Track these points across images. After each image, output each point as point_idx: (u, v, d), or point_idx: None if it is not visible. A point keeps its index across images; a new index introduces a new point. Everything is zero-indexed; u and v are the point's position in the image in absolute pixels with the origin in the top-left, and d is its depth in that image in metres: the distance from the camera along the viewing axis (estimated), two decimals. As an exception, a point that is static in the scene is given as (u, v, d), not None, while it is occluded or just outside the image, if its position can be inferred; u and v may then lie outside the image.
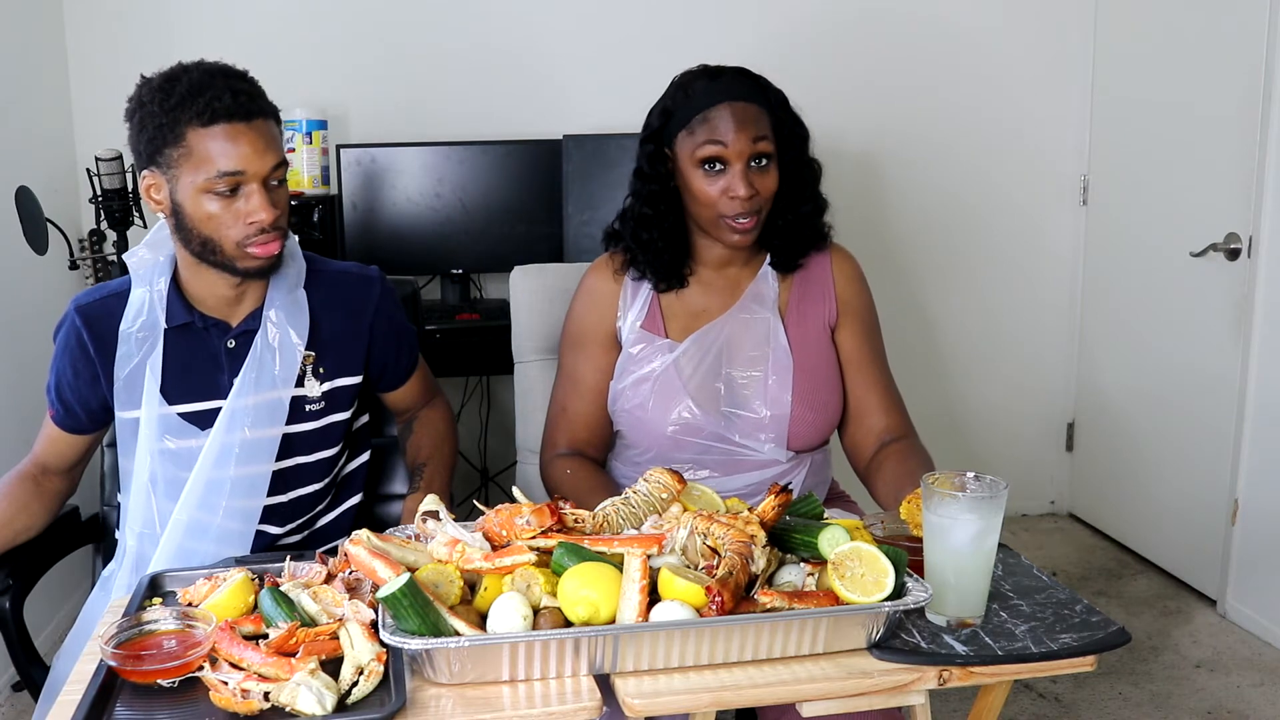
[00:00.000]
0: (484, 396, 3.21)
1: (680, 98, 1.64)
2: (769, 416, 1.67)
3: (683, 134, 1.62)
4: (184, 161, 1.40)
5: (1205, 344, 2.92)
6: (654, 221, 1.68)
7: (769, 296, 1.71)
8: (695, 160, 1.60)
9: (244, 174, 1.40)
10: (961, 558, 1.22)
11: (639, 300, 1.72)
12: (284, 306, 1.55)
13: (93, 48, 2.92)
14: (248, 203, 1.42)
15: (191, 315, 1.53)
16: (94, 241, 2.71)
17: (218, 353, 1.54)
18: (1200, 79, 2.89)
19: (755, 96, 1.62)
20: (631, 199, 1.72)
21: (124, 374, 1.52)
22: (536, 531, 1.21)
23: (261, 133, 1.42)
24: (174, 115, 1.39)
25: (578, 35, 3.13)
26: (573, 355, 1.75)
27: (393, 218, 2.94)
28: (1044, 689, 2.52)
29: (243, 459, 1.52)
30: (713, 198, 1.60)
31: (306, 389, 1.57)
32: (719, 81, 1.63)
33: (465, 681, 1.10)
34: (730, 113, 1.59)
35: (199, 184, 1.40)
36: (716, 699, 1.11)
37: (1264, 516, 2.73)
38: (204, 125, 1.39)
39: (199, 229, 1.44)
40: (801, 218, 1.70)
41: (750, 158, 1.59)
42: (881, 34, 3.26)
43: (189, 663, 1.10)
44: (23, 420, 1.91)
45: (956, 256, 3.44)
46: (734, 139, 1.58)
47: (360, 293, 1.63)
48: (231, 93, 1.40)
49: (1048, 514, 3.66)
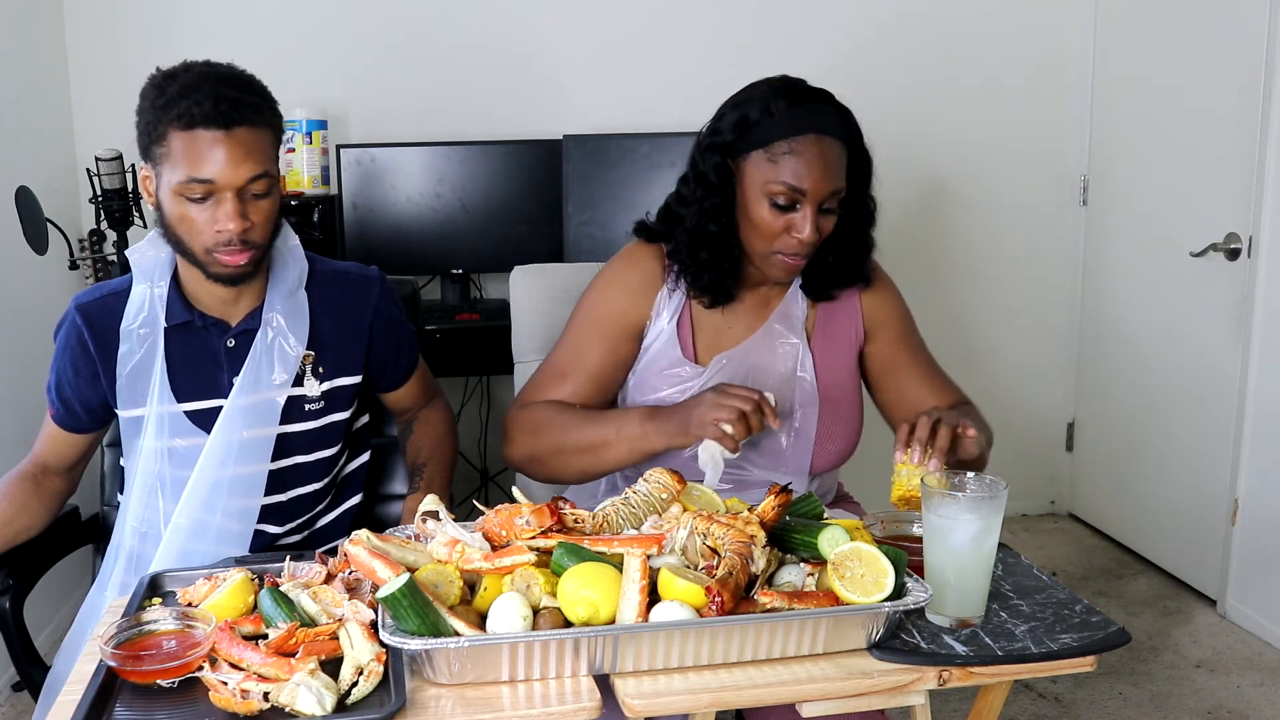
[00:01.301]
0: (484, 396, 3.21)
1: (762, 114, 1.52)
2: (791, 449, 1.64)
3: (759, 154, 1.52)
4: (166, 160, 1.41)
5: (1205, 344, 2.92)
6: (717, 240, 1.58)
7: (797, 319, 1.66)
8: (766, 190, 1.51)
9: (214, 183, 1.39)
10: (961, 558, 1.22)
11: (672, 306, 1.65)
12: (284, 307, 1.55)
13: (93, 48, 2.92)
14: (217, 210, 1.41)
15: (191, 314, 1.53)
16: (94, 241, 2.71)
17: (218, 352, 1.54)
18: (1200, 79, 2.89)
19: (839, 131, 1.54)
20: (689, 207, 1.60)
21: (126, 372, 1.52)
22: (536, 531, 1.21)
23: (240, 142, 1.39)
24: (160, 115, 1.40)
25: (578, 35, 3.13)
26: (586, 335, 1.66)
27: (393, 218, 2.94)
28: (1044, 689, 2.52)
29: (241, 459, 1.52)
30: (774, 231, 1.52)
31: (306, 388, 1.57)
32: (808, 109, 1.52)
33: (465, 682, 1.10)
34: (819, 151, 1.50)
35: (174, 185, 1.41)
36: (716, 699, 1.11)
37: (1264, 516, 2.73)
38: (183, 129, 1.38)
39: (173, 229, 1.45)
40: (850, 256, 1.64)
41: (823, 201, 1.52)
42: (881, 33, 3.26)
43: (189, 663, 1.10)
44: (23, 420, 1.91)
45: (956, 256, 3.44)
46: (815, 185, 1.49)
47: (360, 292, 1.63)
48: (215, 99, 1.38)
49: (1048, 514, 3.66)
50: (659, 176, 2.92)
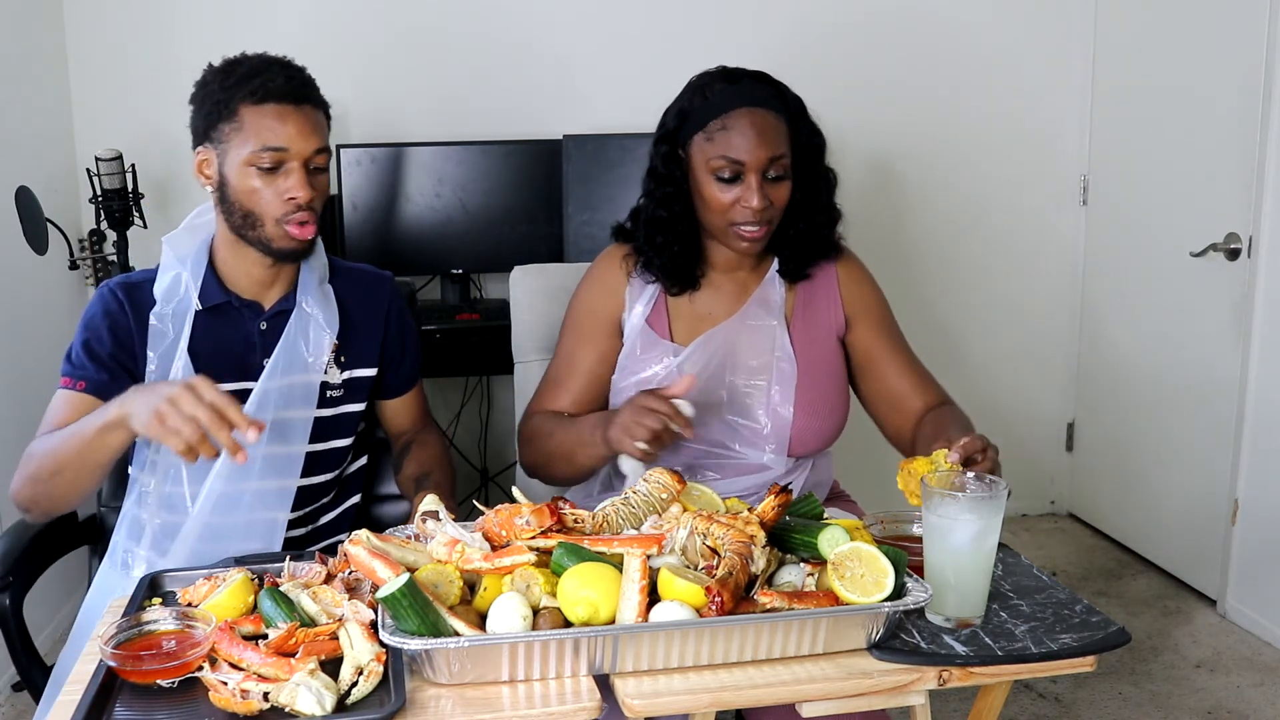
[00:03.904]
0: (484, 396, 3.21)
1: (697, 100, 1.61)
2: (770, 427, 1.67)
3: (698, 137, 1.60)
4: (234, 135, 1.49)
5: (1205, 344, 2.92)
6: (668, 224, 1.65)
7: (775, 302, 1.70)
8: (709, 168, 1.58)
9: (287, 150, 1.49)
10: (961, 558, 1.22)
11: (645, 296, 1.70)
12: (315, 293, 1.62)
13: (93, 48, 2.92)
14: (287, 179, 1.50)
15: (227, 296, 1.58)
16: (94, 241, 2.71)
17: (251, 334, 1.59)
18: (1200, 79, 2.89)
19: (774, 103, 1.59)
20: (645, 199, 1.70)
21: (159, 353, 1.55)
22: (536, 531, 1.21)
23: (309, 117, 1.51)
24: (230, 93, 1.49)
25: (578, 35, 3.13)
26: (574, 339, 1.73)
27: (393, 218, 2.94)
28: (1044, 689, 2.52)
29: (274, 438, 1.54)
30: (724, 205, 1.58)
31: (329, 375, 1.62)
32: (738, 86, 1.59)
33: (465, 682, 1.10)
34: (749, 121, 1.56)
35: (245, 156, 1.48)
36: (716, 699, 1.11)
37: (1264, 516, 2.73)
38: (257, 103, 1.48)
39: (241, 202, 1.51)
40: (813, 227, 1.68)
41: (766, 169, 1.57)
42: (881, 33, 3.26)
43: (188, 663, 1.10)
44: (23, 421, 1.91)
45: (956, 256, 3.44)
46: (751, 153, 1.55)
47: (377, 288, 1.71)
48: (285, 77, 1.51)
49: (1048, 514, 3.66)
50: (659, 176, 2.91)
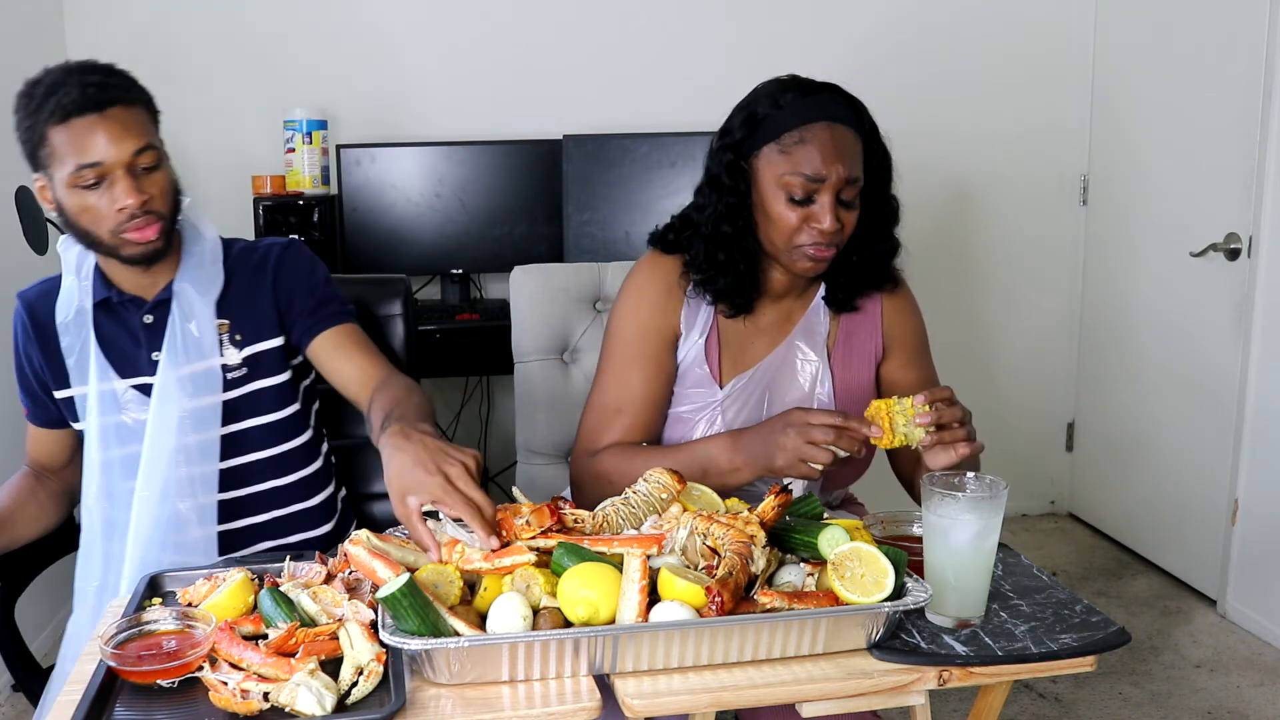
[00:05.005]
0: (484, 396, 3.21)
1: (771, 107, 1.50)
2: None
3: (770, 148, 1.49)
4: (53, 160, 1.44)
5: (1205, 344, 2.92)
6: (733, 241, 1.54)
7: (820, 333, 1.63)
8: (781, 183, 1.48)
9: (102, 164, 1.43)
10: (961, 558, 1.22)
11: (701, 320, 1.60)
12: (193, 276, 1.58)
13: (93, 48, 2.90)
14: (112, 191, 1.44)
15: (109, 291, 1.56)
16: (94, 241, 2.71)
17: (136, 329, 1.57)
18: (1200, 79, 2.89)
19: (853, 121, 1.50)
20: (704, 211, 1.56)
21: (72, 360, 1.55)
22: (536, 531, 1.21)
23: (117, 120, 1.43)
24: (35, 118, 1.43)
25: (578, 35, 3.13)
26: (628, 360, 1.60)
27: (393, 218, 2.94)
28: (1044, 689, 2.52)
29: (186, 428, 1.54)
30: (793, 225, 1.48)
31: (225, 357, 1.59)
32: (817, 97, 1.49)
33: (465, 682, 1.10)
34: (830, 136, 1.46)
35: (66, 179, 1.44)
36: (716, 699, 1.11)
37: (1264, 516, 2.73)
38: (60, 122, 1.42)
39: (77, 223, 1.48)
40: (872, 257, 1.60)
41: (840, 189, 1.48)
42: (880, 33, 3.26)
43: (189, 663, 1.10)
44: (22, 422, 1.90)
45: (956, 256, 3.44)
46: (830, 170, 1.45)
47: (263, 255, 1.64)
48: (80, 87, 1.42)
49: (1048, 514, 3.66)
50: (659, 176, 2.92)
